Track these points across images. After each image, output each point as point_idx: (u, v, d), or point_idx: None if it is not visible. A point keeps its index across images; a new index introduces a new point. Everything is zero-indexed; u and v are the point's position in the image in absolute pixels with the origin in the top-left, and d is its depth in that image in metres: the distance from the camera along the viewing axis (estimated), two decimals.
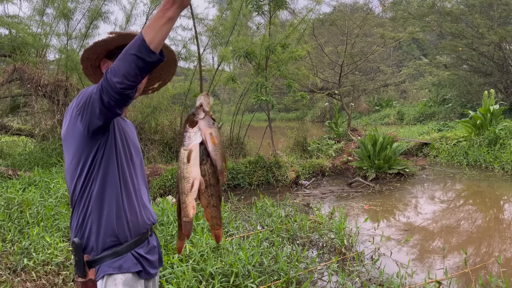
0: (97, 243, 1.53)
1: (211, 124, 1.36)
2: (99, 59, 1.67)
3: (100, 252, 1.53)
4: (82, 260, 1.51)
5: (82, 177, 1.53)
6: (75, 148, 1.51)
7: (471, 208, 6.59)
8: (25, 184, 5.85)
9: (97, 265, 1.53)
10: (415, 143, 11.33)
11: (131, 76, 1.31)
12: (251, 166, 7.95)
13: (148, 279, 1.67)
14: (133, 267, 1.57)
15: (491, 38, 14.40)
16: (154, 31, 1.29)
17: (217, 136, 1.34)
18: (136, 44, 1.30)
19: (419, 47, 27.69)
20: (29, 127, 9.61)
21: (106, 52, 1.64)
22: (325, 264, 3.95)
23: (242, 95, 9.99)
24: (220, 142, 1.34)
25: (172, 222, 4.30)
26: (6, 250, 3.83)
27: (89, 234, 1.53)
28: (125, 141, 1.62)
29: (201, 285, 3.22)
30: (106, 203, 1.53)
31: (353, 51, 13.52)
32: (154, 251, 1.72)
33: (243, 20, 9.89)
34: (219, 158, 1.35)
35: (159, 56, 1.32)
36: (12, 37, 8.55)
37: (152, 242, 1.72)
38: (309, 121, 24.44)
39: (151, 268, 1.66)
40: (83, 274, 1.51)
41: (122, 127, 1.63)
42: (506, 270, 3.93)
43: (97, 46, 1.60)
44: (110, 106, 1.37)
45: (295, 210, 5.68)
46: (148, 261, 1.64)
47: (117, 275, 1.52)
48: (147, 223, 1.68)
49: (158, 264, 1.75)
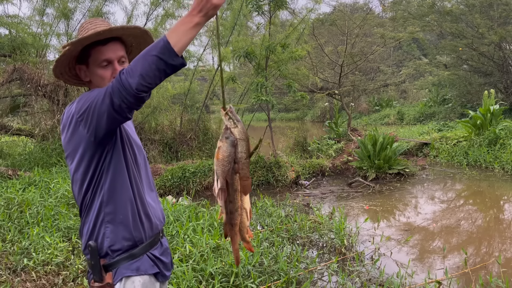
0: (113, 246, 1.49)
1: (222, 137, 1.27)
2: (71, 67, 1.61)
3: (116, 256, 1.50)
4: (98, 264, 1.47)
5: (91, 185, 1.49)
6: (80, 156, 1.47)
7: (471, 208, 6.59)
8: (25, 184, 5.85)
9: (113, 269, 1.49)
10: (415, 143, 11.33)
11: (149, 78, 1.27)
12: (251, 166, 7.95)
13: (163, 281, 1.64)
14: (150, 269, 1.54)
15: (491, 38, 14.39)
16: (179, 35, 1.27)
17: (224, 150, 1.24)
18: (159, 45, 1.27)
19: (419, 47, 27.66)
20: (29, 127, 9.61)
21: (74, 60, 1.57)
22: (325, 264, 3.95)
23: (242, 95, 9.99)
24: (222, 159, 1.24)
25: (172, 222, 4.30)
26: (6, 250, 3.83)
27: (103, 239, 1.49)
28: (128, 142, 1.58)
29: (201, 285, 3.22)
30: (119, 207, 1.50)
31: (353, 51, 13.52)
32: (167, 253, 1.69)
33: (243, 20, 9.90)
34: (220, 172, 1.26)
35: (182, 60, 1.30)
36: (12, 37, 8.55)
37: (164, 243, 1.69)
38: (309, 121, 24.43)
39: (166, 270, 1.64)
40: (100, 278, 1.48)
41: (125, 128, 1.59)
42: (506, 270, 3.93)
43: (60, 62, 1.53)
44: (121, 110, 1.32)
45: (295, 210, 5.68)
46: (163, 263, 1.62)
47: (135, 277, 1.50)
48: (159, 223, 1.66)
49: (171, 266, 1.73)
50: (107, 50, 1.51)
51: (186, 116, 10.05)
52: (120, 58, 1.55)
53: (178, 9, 9.43)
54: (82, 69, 1.57)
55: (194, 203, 5.45)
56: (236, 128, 1.25)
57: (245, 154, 1.23)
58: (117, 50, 1.54)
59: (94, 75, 1.54)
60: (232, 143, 1.23)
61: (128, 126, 1.67)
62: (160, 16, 9.36)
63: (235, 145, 1.23)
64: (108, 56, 1.51)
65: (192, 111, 10.34)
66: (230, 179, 1.23)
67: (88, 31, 1.51)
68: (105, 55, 1.51)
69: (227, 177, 1.23)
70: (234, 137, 1.24)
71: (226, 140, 1.24)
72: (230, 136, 1.24)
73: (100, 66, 1.52)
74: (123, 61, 1.56)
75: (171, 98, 10.14)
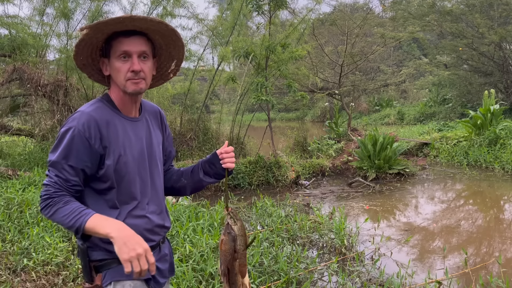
0: (104, 249, 1.46)
1: (225, 232, 1.50)
2: (94, 59, 1.53)
3: (107, 258, 1.46)
4: (88, 265, 1.45)
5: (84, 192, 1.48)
6: None
7: (471, 208, 6.59)
8: (25, 184, 5.84)
9: (104, 271, 1.46)
10: (415, 143, 11.33)
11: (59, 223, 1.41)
12: (251, 166, 7.95)
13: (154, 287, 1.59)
14: None
15: (491, 38, 14.38)
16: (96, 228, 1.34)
17: (226, 243, 1.49)
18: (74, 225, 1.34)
19: (419, 47, 27.64)
20: (29, 127, 9.60)
21: (97, 51, 1.50)
22: (325, 264, 3.94)
23: (242, 95, 9.99)
24: (224, 250, 1.49)
25: (172, 222, 4.29)
26: (6, 250, 3.83)
27: (95, 242, 1.46)
28: (124, 155, 1.50)
29: (201, 285, 3.21)
30: (114, 214, 1.47)
31: (353, 51, 13.50)
32: (165, 259, 1.64)
33: (243, 20, 9.89)
34: (222, 260, 1.50)
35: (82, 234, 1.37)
36: (12, 37, 8.54)
37: (164, 249, 1.64)
38: (309, 121, 24.41)
39: (160, 277, 1.58)
40: (89, 279, 1.46)
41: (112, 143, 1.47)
42: (507, 270, 3.93)
43: (79, 48, 1.45)
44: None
45: (295, 210, 5.67)
46: (158, 270, 1.54)
47: (125, 282, 1.46)
48: (160, 230, 1.61)
49: (169, 273, 1.66)
50: (128, 42, 1.45)
51: (186, 116, 10.04)
52: (142, 53, 1.47)
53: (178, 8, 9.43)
54: (104, 62, 1.51)
55: (194, 203, 5.45)
56: (236, 225, 1.48)
57: (243, 247, 1.48)
58: (140, 44, 1.46)
59: (112, 67, 1.48)
60: (233, 238, 1.47)
61: (133, 131, 1.56)
62: (159, 16, 9.35)
63: (235, 240, 1.47)
64: (128, 48, 1.44)
65: (192, 111, 10.33)
66: (231, 266, 1.48)
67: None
68: (125, 46, 1.44)
69: (228, 265, 1.48)
70: (235, 233, 1.47)
71: (228, 235, 1.47)
72: (231, 232, 1.47)
73: (119, 58, 1.45)
74: (145, 57, 1.48)
75: (171, 98, 10.14)
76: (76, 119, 1.43)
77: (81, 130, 1.41)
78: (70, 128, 1.41)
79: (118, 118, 1.51)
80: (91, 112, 1.45)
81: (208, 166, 1.69)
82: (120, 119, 1.52)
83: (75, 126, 1.41)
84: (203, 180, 1.70)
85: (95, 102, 1.52)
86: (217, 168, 1.67)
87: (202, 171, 1.70)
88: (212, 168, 1.69)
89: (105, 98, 1.54)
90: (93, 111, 1.46)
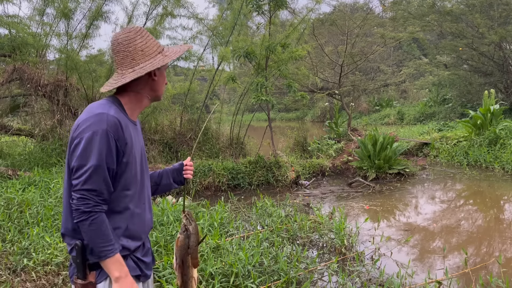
0: None
1: (181, 231, 1.73)
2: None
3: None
4: (84, 262, 1.52)
5: None
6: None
7: (471, 208, 6.59)
8: (25, 184, 5.84)
9: (98, 268, 1.53)
10: (415, 143, 11.33)
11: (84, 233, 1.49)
12: (251, 166, 7.95)
13: (144, 281, 1.70)
14: (133, 271, 1.59)
15: (491, 38, 14.38)
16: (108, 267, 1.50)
17: (181, 240, 1.72)
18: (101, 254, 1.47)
19: (419, 47, 27.64)
20: (29, 127, 9.59)
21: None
22: (325, 264, 3.94)
23: (242, 95, 9.98)
24: (180, 246, 1.72)
25: (172, 222, 4.30)
26: (6, 250, 3.83)
27: None
28: (133, 156, 1.59)
29: (201, 285, 3.21)
30: (112, 218, 1.54)
31: (353, 51, 13.50)
32: (149, 253, 1.76)
33: (243, 20, 9.87)
34: (178, 255, 1.72)
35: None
36: (12, 37, 8.52)
37: (147, 244, 1.76)
38: (309, 121, 24.43)
39: (147, 270, 1.71)
40: (83, 276, 1.52)
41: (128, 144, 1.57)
42: (507, 270, 3.93)
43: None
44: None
45: (295, 210, 5.67)
46: (144, 264, 1.69)
47: None
48: (147, 231, 1.73)
49: (152, 263, 1.79)
50: None
51: (186, 116, 10.03)
52: None
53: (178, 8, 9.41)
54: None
55: (194, 203, 5.45)
56: (190, 225, 1.72)
57: (195, 243, 1.73)
58: None
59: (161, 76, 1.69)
60: (187, 236, 1.72)
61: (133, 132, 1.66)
62: (159, 15, 9.35)
63: (189, 237, 1.71)
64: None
65: (192, 111, 10.32)
66: (185, 260, 1.72)
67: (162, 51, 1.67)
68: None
69: (183, 258, 1.72)
70: (189, 232, 1.72)
71: (183, 233, 1.72)
72: (186, 231, 1.72)
73: (164, 70, 1.73)
74: None
75: (171, 98, 10.12)
76: (103, 121, 1.48)
77: (110, 131, 1.47)
78: (97, 130, 1.46)
79: (128, 121, 1.60)
80: (115, 114, 1.52)
81: (176, 174, 1.95)
82: (129, 122, 1.62)
83: (104, 128, 1.47)
84: (172, 184, 1.95)
85: (110, 105, 1.56)
86: (181, 177, 1.96)
87: (171, 177, 1.94)
88: (178, 176, 1.95)
89: (116, 101, 1.60)
90: (116, 113, 1.53)
